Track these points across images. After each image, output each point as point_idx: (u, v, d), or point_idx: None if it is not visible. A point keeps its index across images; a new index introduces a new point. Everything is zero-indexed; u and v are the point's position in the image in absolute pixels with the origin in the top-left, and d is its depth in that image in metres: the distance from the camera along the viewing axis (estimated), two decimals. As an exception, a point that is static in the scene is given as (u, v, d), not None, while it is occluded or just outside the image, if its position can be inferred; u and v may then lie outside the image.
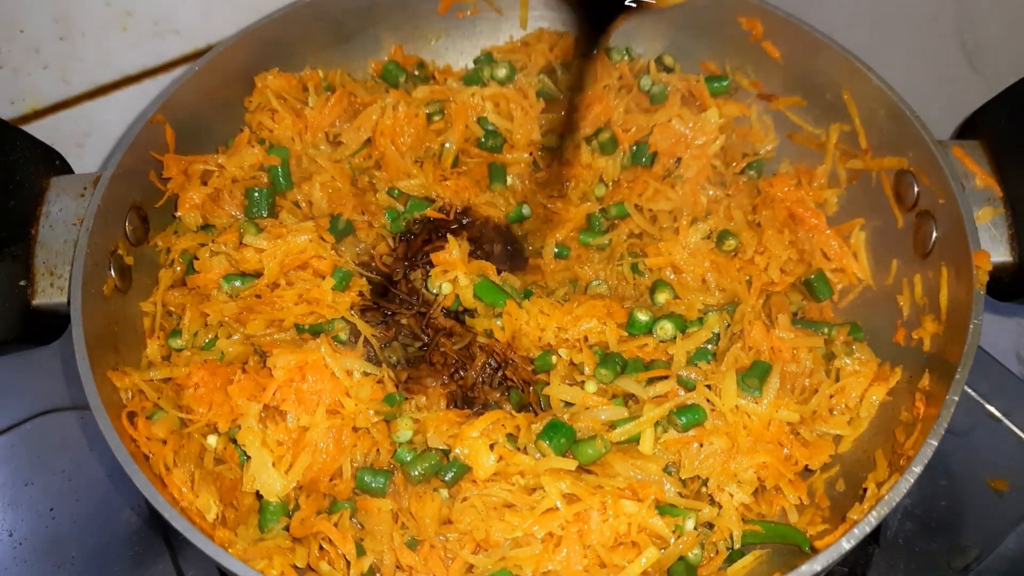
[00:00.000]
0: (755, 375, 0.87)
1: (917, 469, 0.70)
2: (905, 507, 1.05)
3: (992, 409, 1.13)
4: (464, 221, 1.07)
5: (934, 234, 0.93)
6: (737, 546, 0.86)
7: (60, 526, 1.07)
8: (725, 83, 1.14)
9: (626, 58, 1.19)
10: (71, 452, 1.12)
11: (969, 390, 1.15)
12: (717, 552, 0.87)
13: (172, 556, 1.05)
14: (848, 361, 0.93)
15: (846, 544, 0.66)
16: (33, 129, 1.19)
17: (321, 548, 0.84)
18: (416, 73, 1.19)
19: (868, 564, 1.01)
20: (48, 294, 0.89)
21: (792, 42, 1.07)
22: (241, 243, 0.94)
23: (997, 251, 0.90)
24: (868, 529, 0.67)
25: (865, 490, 0.81)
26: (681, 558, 0.84)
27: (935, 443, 0.72)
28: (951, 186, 0.89)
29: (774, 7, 1.08)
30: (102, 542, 1.06)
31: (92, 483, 1.10)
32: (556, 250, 1.08)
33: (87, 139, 1.29)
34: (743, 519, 0.87)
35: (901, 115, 0.96)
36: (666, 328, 0.94)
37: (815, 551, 0.72)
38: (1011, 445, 1.09)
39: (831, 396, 0.92)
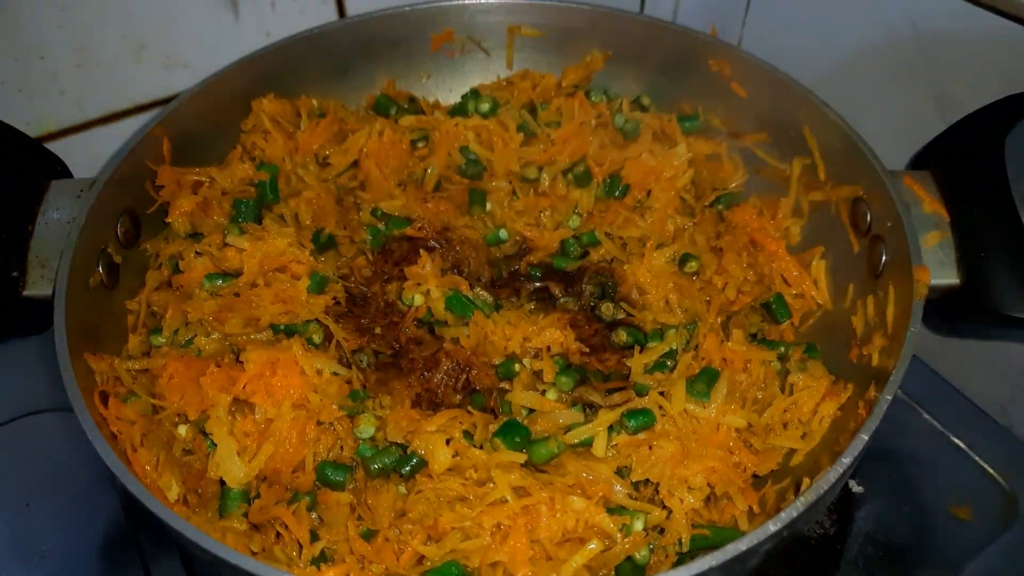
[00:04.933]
0: (703, 380, 0.90)
1: (847, 460, 0.72)
2: (867, 532, 1.05)
3: (956, 440, 1.14)
4: (441, 243, 1.12)
5: (884, 256, 0.96)
6: (686, 550, 0.87)
7: (34, 521, 1.09)
8: (696, 122, 1.21)
9: (604, 98, 1.25)
10: (52, 453, 1.15)
11: (934, 421, 1.16)
12: (667, 556, 0.88)
13: (141, 557, 1.07)
14: (801, 377, 0.95)
15: (772, 527, 0.68)
16: (46, 149, 1.26)
17: (278, 535, 0.87)
18: (406, 107, 1.27)
19: (828, 587, 1.01)
20: (38, 285, 0.94)
21: (757, 82, 1.14)
22: (224, 244, 0.99)
23: (944, 273, 0.93)
24: (795, 513, 0.69)
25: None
26: (629, 558, 0.85)
27: (866, 437, 0.74)
28: (897, 209, 0.93)
29: (742, 50, 1.15)
30: (75, 539, 1.08)
31: (69, 482, 1.13)
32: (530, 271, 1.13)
33: (97, 163, 1.37)
34: (694, 526, 0.88)
35: (855, 147, 1.01)
36: (620, 335, 0.97)
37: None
38: (975, 475, 1.10)
39: (785, 411, 0.94)
